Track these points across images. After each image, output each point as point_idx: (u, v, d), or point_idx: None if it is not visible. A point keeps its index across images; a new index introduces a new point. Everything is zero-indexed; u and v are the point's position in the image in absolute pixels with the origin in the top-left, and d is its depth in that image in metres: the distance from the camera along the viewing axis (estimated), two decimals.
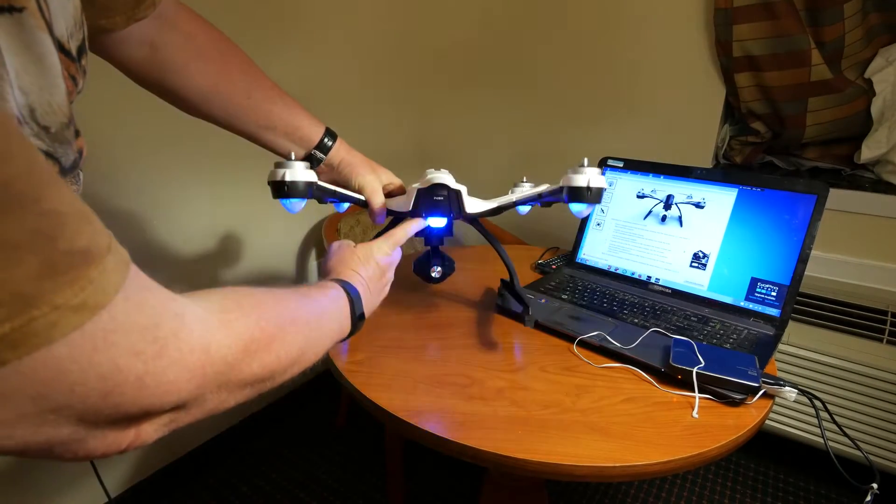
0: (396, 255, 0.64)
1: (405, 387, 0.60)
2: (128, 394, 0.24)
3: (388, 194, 0.71)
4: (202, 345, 0.28)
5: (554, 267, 0.97)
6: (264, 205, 1.28)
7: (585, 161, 0.60)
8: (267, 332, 0.34)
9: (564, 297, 0.83)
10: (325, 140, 0.67)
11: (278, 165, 0.61)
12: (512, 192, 0.78)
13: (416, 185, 0.67)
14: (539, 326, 0.74)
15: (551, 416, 0.56)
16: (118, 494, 1.11)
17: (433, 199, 0.66)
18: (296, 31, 1.25)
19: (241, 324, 0.32)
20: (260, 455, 1.35)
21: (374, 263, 0.59)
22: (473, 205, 0.69)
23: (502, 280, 0.82)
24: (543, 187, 0.67)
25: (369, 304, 0.56)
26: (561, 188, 0.61)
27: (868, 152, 1.10)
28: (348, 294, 0.51)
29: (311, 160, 0.67)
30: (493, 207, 0.70)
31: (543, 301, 0.81)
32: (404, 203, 0.68)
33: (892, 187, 1.10)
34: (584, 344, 0.70)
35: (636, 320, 0.75)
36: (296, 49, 1.26)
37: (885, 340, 1.07)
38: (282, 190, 0.60)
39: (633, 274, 0.88)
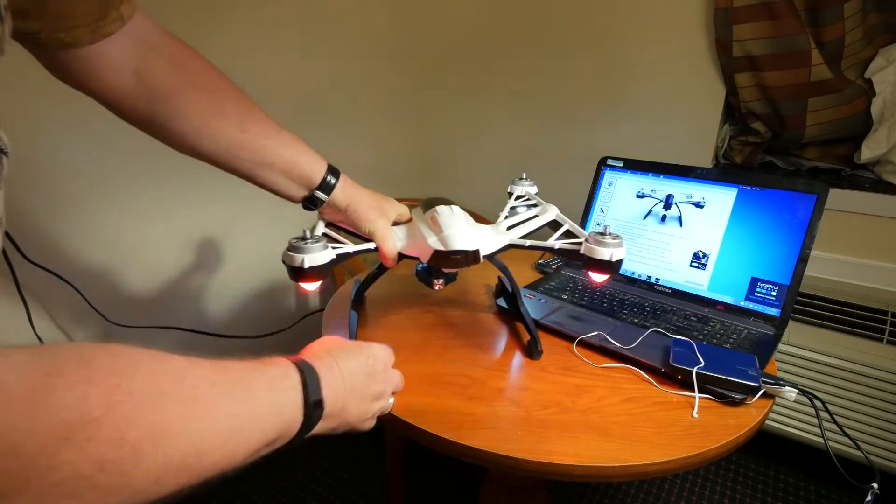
0: (386, 355, 0.52)
1: (405, 387, 0.60)
2: None
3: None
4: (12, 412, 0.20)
5: (554, 267, 0.97)
6: (254, 205, 1.28)
7: (607, 229, 0.58)
8: (105, 412, 0.23)
9: (564, 297, 0.83)
10: (328, 178, 0.62)
11: (294, 249, 0.55)
12: (512, 187, 0.79)
13: (428, 233, 0.62)
14: (539, 326, 0.74)
15: (551, 416, 0.56)
16: None
17: (450, 258, 0.60)
18: (295, 36, 1.25)
19: (65, 396, 0.22)
20: None
21: (364, 357, 0.47)
22: (486, 244, 0.65)
23: (500, 278, 0.82)
24: (558, 239, 0.64)
25: (338, 397, 0.43)
26: (579, 251, 0.59)
27: (868, 152, 1.10)
28: (301, 374, 0.39)
29: (314, 200, 0.62)
30: (505, 245, 0.66)
31: (543, 301, 0.81)
32: (418, 251, 0.63)
33: (892, 187, 1.09)
34: (584, 344, 0.70)
35: (636, 320, 0.75)
36: (295, 53, 1.26)
37: (885, 340, 1.07)
38: (301, 275, 0.55)
39: (632, 274, 0.88)
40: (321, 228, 0.64)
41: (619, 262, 0.58)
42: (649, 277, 0.86)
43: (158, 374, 0.28)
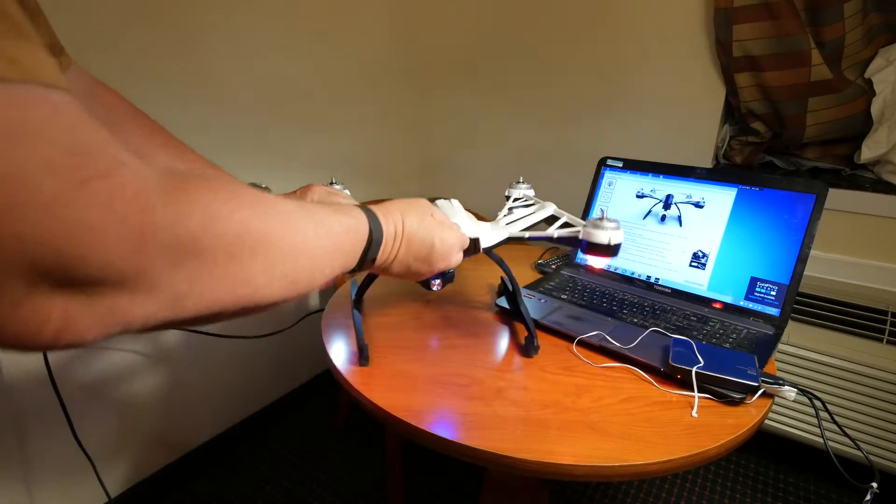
0: (456, 240, 0.55)
1: (405, 387, 0.61)
2: (35, 220, 0.19)
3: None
4: (144, 201, 0.23)
5: (553, 267, 0.97)
6: None
7: (604, 214, 0.60)
8: (233, 212, 0.28)
9: (564, 297, 0.83)
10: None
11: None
12: (509, 191, 0.78)
13: None
14: (539, 326, 0.75)
15: (551, 416, 0.56)
16: (118, 494, 1.11)
17: None
18: (296, 37, 1.25)
19: (197, 192, 0.26)
20: (260, 455, 1.35)
21: (431, 239, 0.50)
22: (486, 237, 0.66)
23: (502, 278, 0.82)
24: (557, 229, 0.65)
25: (388, 257, 0.47)
26: (577, 237, 0.61)
27: (868, 152, 1.10)
28: (369, 222, 0.43)
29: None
30: (505, 238, 0.67)
31: (543, 301, 0.81)
32: None
33: (892, 187, 1.10)
34: (583, 344, 0.70)
35: (636, 320, 0.75)
36: (295, 54, 1.26)
37: (885, 340, 1.07)
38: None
39: (632, 274, 0.88)
40: None
41: (618, 245, 0.59)
42: (649, 277, 0.86)
43: (262, 195, 0.32)
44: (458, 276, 0.94)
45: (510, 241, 0.67)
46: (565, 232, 0.64)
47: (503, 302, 0.80)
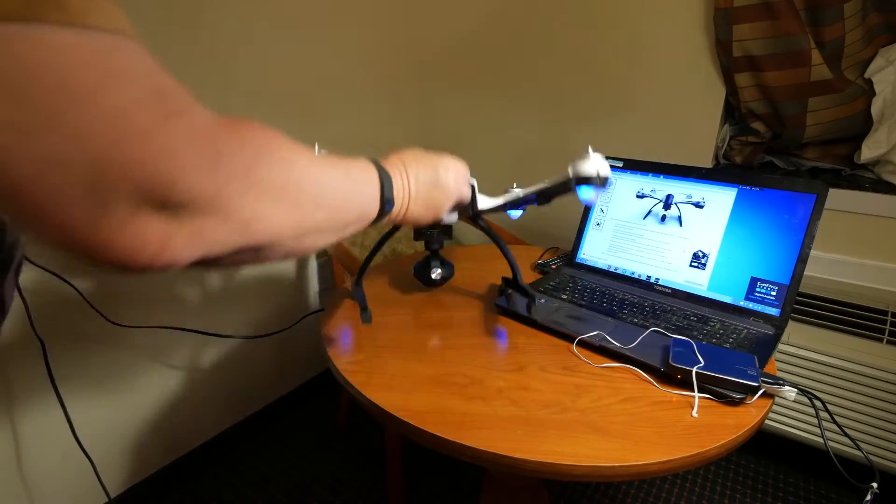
0: (460, 168, 0.60)
1: (405, 387, 0.61)
2: (135, 149, 0.23)
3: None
4: (212, 135, 0.26)
5: (554, 267, 0.97)
6: None
7: (590, 149, 0.62)
8: (278, 149, 0.32)
9: (564, 296, 0.83)
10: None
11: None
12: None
13: None
14: (539, 326, 0.75)
15: (551, 416, 0.56)
16: (118, 494, 1.11)
17: None
18: (296, 32, 1.25)
19: (251, 132, 0.31)
20: (260, 455, 1.35)
21: (433, 170, 0.54)
22: (483, 201, 0.70)
23: (504, 278, 0.82)
24: (547, 181, 0.68)
25: (403, 199, 0.51)
26: (566, 177, 0.63)
27: (868, 152, 1.10)
28: (379, 175, 0.47)
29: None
30: (502, 203, 0.72)
31: (543, 301, 0.81)
32: None
33: (892, 187, 1.09)
34: (583, 344, 0.70)
35: (636, 320, 0.75)
36: (296, 50, 1.26)
37: (885, 340, 1.07)
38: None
39: (632, 274, 0.88)
40: None
41: (606, 178, 0.61)
42: (649, 277, 0.86)
43: (297, 144, 0.35)
44: (458, 276, 0.94)
45: (507, 206, 0.72)
46: (555, 178, 0.66)
47: (503, 302, 0.80)
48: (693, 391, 0.59)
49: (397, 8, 1.52)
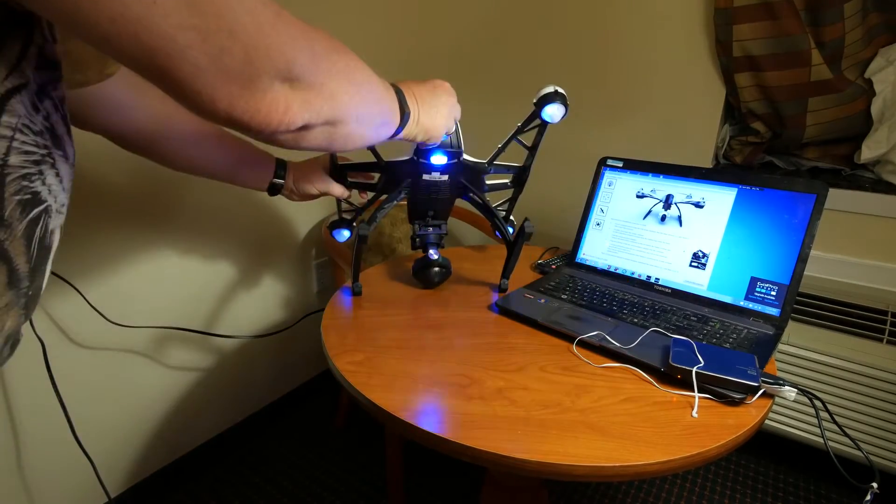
0: (448, 87, 0.67)
1: (405, 387, 0.61)
2: (269, 34, 0.32)
3: (352, 166, 0.81)
4: (305, 29, 0.36)
5: (554, 267, 0.97)
6: (254, 204, 1.29)
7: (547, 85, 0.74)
8: (345, 50, 0.42)
9: (564, 297, 0.83)
10: (278, 170, 0.77)
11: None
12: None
13: None
14: (539, 326, 0.75)
15: (551, 416, 0.56)
16: (118, 494, 1.11)
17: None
18: None
19: (326, 35, 0.39)
20: (260, 455, 1.35)
21: (430, 85, 0.63)
22: (468, 157, 0.80)
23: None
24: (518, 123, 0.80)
25: (414, 110, 0.58)
26: (533, 111, 0.76)
27: (868, 152, 1.10)
28: (395, 89, 0.55)
29: (273, 188, 0.77)
30: (488, 160, 0.83)
31: (543, 301, 0.81)
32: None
33: (892, 187, 1.09)
34: (583, 344, 0.70)
35: (636, 320, 0.75)
36: None
37: (885, 340, 1.07)
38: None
39: (632, 274, 0.88)
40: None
41: (564, 95, 0.74)
42: (649, 277, 0.86)
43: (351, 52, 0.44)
44: (458, 276, 0.94)
45: (492, 162, 0.83)
46: (526, 118, 0.78)
47: (503, 301, 0.80)
48: (693, 391, 0.59)
49: (398, 9, 1.52)
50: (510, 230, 0.85)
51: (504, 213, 0.89)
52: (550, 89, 0.75)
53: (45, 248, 0.35)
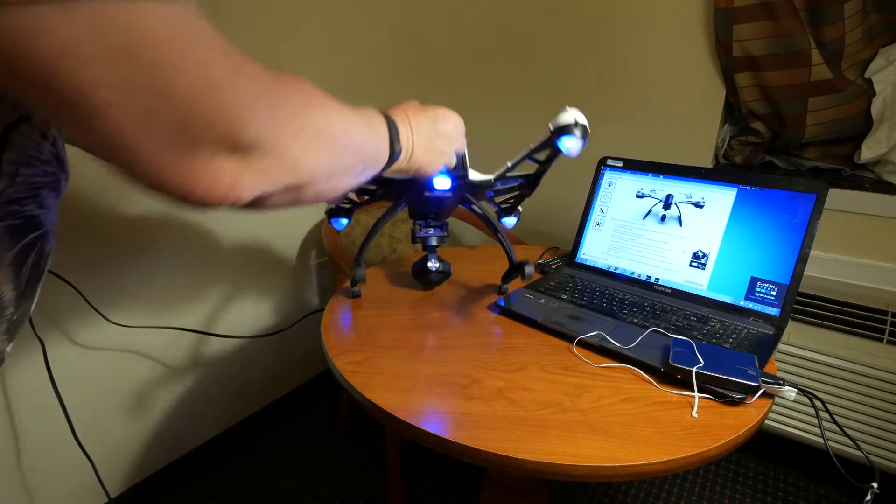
0: (456, 120, 0.64)
1: (405, 387, 0.61)
2: (216, 98, 0.27)
3: None
4: (269, 86, 0.30)
5: (554, 267, 0.97)
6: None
7: (567, 107, 0.67)
8: (317, 98, 0.36)
9: (564, 296, 0.83)
10: None
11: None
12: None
13: None
14: (539, 326, 0.75)
15: (550, 416, 0.56)
16: (118, 494, 1.11)
17: None
18: (297, 37, 1.25)
19: (293, 85, 0.34)
20: (260, 455, 1.35)
21: (432, 119, 0.58)
22: (474, 174, 0.73)
23: (504, 275, 0.83)
24: (531, 144, 0.72)
25: (408, 146, 0.54)
26: (549, 137, 0.67)
27: (868, 152, 1.10)
28: (388, 124, 0.50)
29: None
30: (495, 176, 0.76)
31: (543, 301, 0.81)
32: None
33: (892, 187, 1.09)
34: (583, 344, 0.70)
35: (636, 320, 0.75)
36: (296, 54, 1.26)
37: (885, 340, 1.07)
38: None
39: (632, 274, 0.88)
40: None
41: (585, 127, 0.65)
42: (649, 277, 0.86)
43: (329, 98, 0.38)
44: (458, 276, 0.94)
45: (499, 179, 0.76)
46: (538, 140, 0.69)
47: (502, 302, 0.80)
48: (693, 391, 0.59)
49: (398, 9, 1.52)
50: (515, 220, 0.85)
51: (509, 206, 0.88)
52: (570, 118, 0.65)
53: (38, 272, 0.34)
